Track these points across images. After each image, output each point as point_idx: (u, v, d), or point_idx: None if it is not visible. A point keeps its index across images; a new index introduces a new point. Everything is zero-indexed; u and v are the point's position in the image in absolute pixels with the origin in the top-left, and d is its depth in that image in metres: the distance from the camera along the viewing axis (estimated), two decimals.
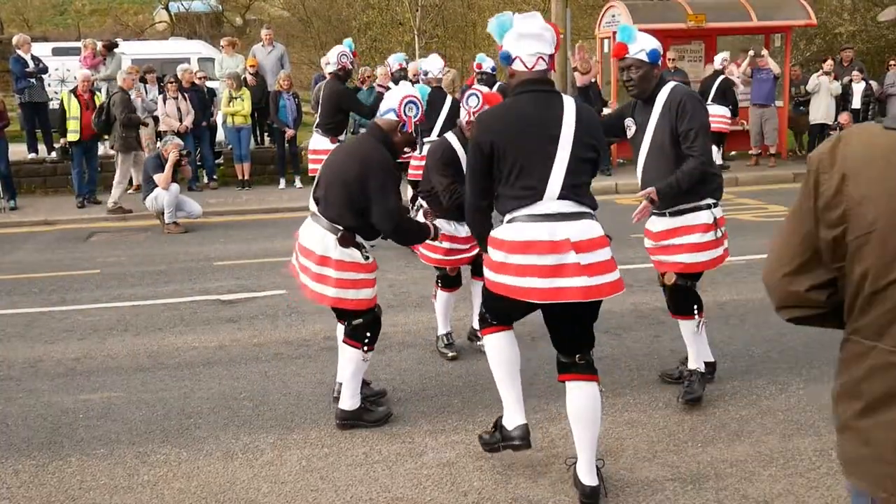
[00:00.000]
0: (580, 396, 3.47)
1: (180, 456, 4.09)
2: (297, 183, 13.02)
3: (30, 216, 11.16)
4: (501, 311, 3.61)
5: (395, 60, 10.04)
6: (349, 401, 4.29)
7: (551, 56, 3.46)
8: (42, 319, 6.52)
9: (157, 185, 9.84)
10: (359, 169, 3.99)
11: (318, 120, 8.78)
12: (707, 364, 4.76)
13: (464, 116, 4.81)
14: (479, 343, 5.30)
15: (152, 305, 6.80)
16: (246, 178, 12.93)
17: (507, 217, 3.43)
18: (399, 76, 9.43)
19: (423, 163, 7.56)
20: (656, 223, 4.40)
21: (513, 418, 3.65)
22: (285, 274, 7.63)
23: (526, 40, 3.40)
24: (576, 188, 3.37)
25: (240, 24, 36.15)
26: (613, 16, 14.20)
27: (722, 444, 4.01)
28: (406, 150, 4.34)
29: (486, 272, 3.49)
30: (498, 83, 8.98)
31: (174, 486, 3.79)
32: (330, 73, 8.57)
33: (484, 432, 3.92)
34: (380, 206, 3.97)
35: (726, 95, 12.89)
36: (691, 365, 4.51)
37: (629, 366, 5.09)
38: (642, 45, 4.15)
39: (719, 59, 13.12)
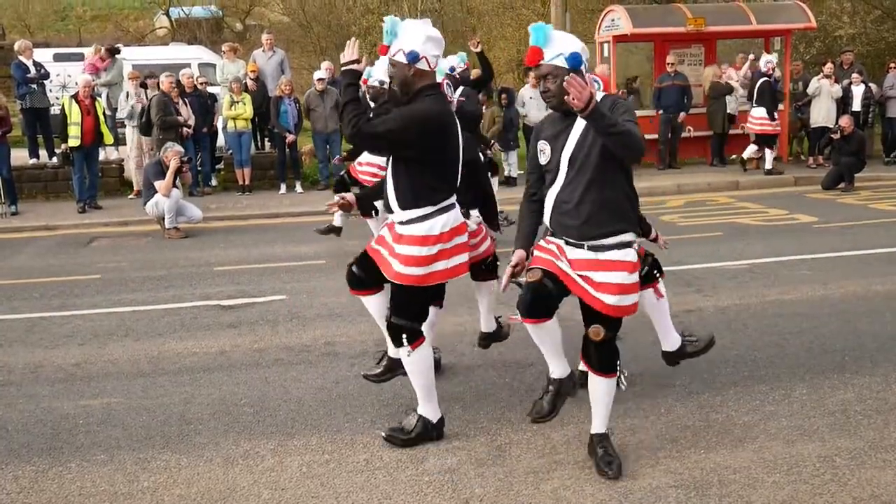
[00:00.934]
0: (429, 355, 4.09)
1: (180, 462, 4.07)
2: (298, 188, 13.02)
3: (31, 221, 11.16)
4: (423, 306, 4.10)
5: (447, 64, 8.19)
6: (487, 323, 4.95)
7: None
8: (42, 324, 6.51)
9: (157, 192, 9.84)
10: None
11: None
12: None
13: None
14: (507, 325, 5.16)
15: (153, 311, 6.78)
16: (246, 183, 12.93)
17: (424, 210, 3.87)
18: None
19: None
20: (569, 252, 3.71)
21: (436, 412, 4.18)
22: (286, 279, 7.68)
23: (432, 43, 3.78)
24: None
25: (240, 29, 36.17)
26: (613, 20, 14.21)
27: (725, 450, 3.99)
28: None
29: (415, 270, 3.89)
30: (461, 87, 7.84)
31: (174, 492, 3.77)
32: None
33: (393, 431, 4.15)
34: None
35: (764, 97, 12.84)
36: (596, 429, 3.89)
37: (630, 371, 5.05)
38: (560, 48, 3.53)
39: (764, 60, 13.10)
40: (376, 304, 4.39)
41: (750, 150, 13.35)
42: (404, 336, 3.97)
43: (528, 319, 3.73)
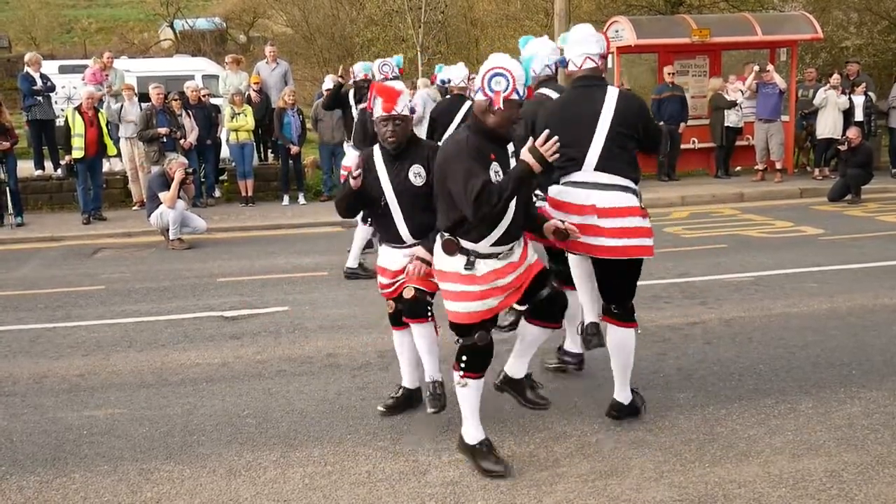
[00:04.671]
0: (612, 336, 4.28)
1: (183, 473, 4.06)
2: (301, 199, 13.04)
3: (36, 232, 11.18)
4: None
5: (360, 68, 8.51)
6: (468, 432, 4.00)
7: (601, 56, 4.21)
8: (47, 335, 6.51)
9: (161, 203, 9.86)
10: (438, 161, 3.80)
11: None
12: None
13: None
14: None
15: (156, 322, 6.78)
16: (249, 194, 12.96)
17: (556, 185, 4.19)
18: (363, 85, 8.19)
19: None
20: None
21: (586, 317, 4.49)
22: (288, 290, 7.68)
23: (574, 45, 4.20)
24: (614, 163, 4.03)
25: (244, 41, 36.41)
26: (617, 31, 14.23)
27: (730, 464, 3.96)
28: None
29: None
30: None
31: (177, 503, 3.77)
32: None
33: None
34: (455, 185, 3.63)
35: None
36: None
37: (633, 384, 5.03)
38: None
39: None
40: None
41: None
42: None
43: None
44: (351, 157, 8.21)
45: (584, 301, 4.50)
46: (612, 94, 4.10)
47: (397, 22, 24.97)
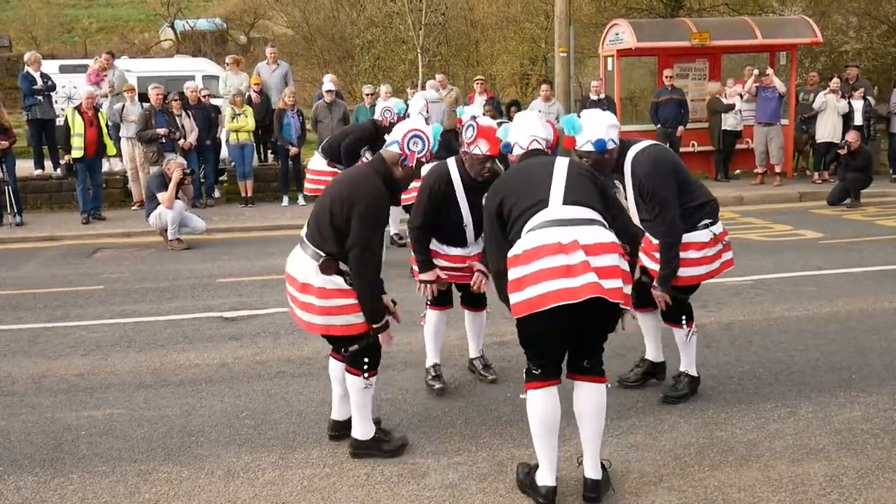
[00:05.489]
0: (585, 397, 3.69)
1: (181, 474, 4.06)
2: (301, 200, 13.03)
3: (35, 232, 11.17)
4: (541, 349, 3.63)
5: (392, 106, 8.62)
6: (360, 430, 4.13)
7: (549, 145, 4.03)
8: (46, 335, 6.50)
9: (160, 203, 9.85)
10: (347, 194, 3.89)
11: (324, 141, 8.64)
12: (692, 378, 4.85)
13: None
14: (483, 374, 5.25)
15: (155, 322, 6.78)
16: (249, 195, 12.95)
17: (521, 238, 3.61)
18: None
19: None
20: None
21: (543, 477, 3.64)
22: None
23: (520, 129, 4.00)
24: (582, 197, 3.58)
25: (244, 42, 36.40)
26: (617, 34, 14.24)
27: (729, 468, 3.96)
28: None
29: (510, 299, 3.52)
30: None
31: None
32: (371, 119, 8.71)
33: (522, 466, 3.85)
34: (355, 235, 3.84)
35: None
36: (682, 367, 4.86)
37: (634, 388, 5.03)
38: (588, 135, 4.28)
39: None
40: None
41: None
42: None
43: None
44: (317, 161, 8.61)
45: (547, 461, 3.64)
46: (562, 159, 3.78)
47: (398, 24, 24.91)
